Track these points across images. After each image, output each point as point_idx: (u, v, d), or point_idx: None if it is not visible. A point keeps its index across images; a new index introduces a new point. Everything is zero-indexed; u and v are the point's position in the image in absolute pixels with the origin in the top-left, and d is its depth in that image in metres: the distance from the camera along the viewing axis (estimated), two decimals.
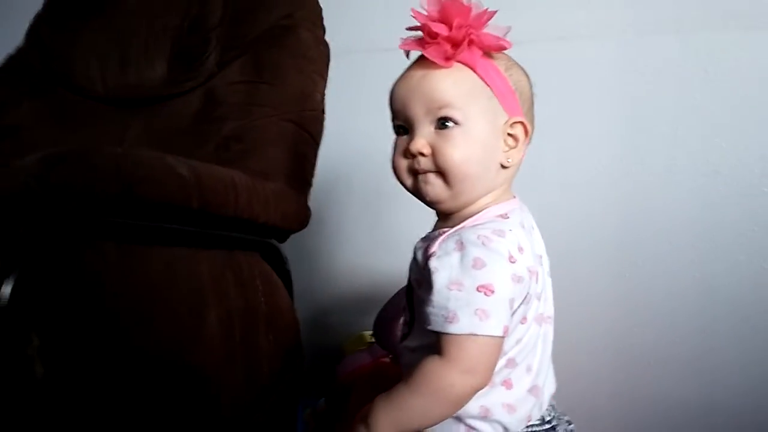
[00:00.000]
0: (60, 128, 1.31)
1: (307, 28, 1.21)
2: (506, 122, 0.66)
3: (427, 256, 0.64)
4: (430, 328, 0.61)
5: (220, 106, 1.16)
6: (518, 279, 0.61)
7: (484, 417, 0.65)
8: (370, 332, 1.30)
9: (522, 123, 0.66)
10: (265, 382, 1.02)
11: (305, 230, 1.15)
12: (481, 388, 0.62)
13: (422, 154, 0.65)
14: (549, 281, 0.70)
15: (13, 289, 0.70)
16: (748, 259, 1.19)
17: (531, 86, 0.70)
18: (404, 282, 0.95)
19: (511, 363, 0.65)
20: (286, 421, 1.10)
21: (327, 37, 1.23)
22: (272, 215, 1.00)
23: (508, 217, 0.66)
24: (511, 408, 0.65)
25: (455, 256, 0.62)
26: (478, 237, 0.61)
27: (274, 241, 1.11)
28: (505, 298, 0.60)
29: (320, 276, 1.46)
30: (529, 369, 0.66)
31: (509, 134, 0.66)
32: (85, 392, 0.77)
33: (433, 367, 0.61)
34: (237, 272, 1.00)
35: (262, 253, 1.08)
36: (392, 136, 0.72)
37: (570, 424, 0.71)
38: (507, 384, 0.65)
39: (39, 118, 1.33)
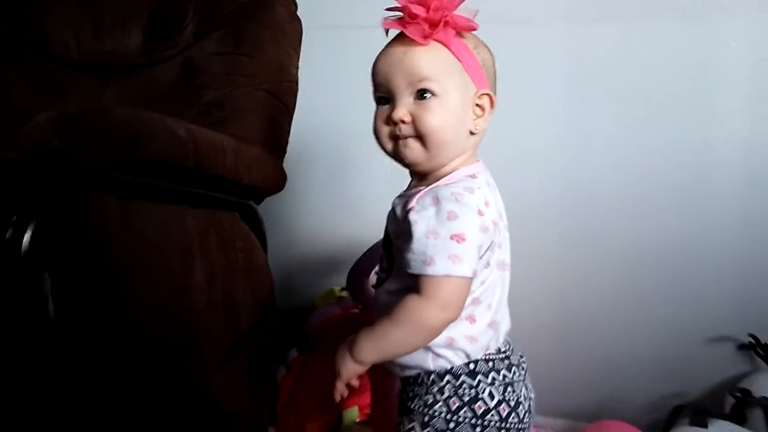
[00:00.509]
0: (34, 93, 1.32)
1: (282, 4, 1.28)
2: (475, 94, 0.76)
3: (406, 211, 0.74)
4: (410, 271, 0.71)
5: (201, 74, 1.22)
6: (485, 229, 0.72)
7: (449, 346, 0.75)
8: (339, 287, 1.41)
9: (488, 95, 0.77)
10: (243, 329, 1.11)
11: (278, 194, 1.24)
12: (453, 321, 0.72)
13: (403, 122, 0.74)
14: (507, 234, 0.81)
15: (30, 236, 0.77)
16: (674, 222, 1.32)
17: (494, 63, 0.80)
18: (366, 243, 1.06)
19: (476, 301, 0.75)
20: (262, 367, 1.19)
21: (304, 14, 1.31)
22: (254, 177, 1.08)
23: (476, 177, 0.76)
24: (473, 339, 0.75)
25: (432, 210, 0.71)
26: (452, 193, 0.72)
27: (252, 203, 1.19)
28: (474, 245, 0.70)
29: (291, 237, 1.54)
30: (489, 307, 0.76)
31: (477, 104, 0.76)
32: (89, 328, 0.84)
33: (413, 303, 0.71)
34: (219, 230, 1.07)
35: (241, 213, 1.16)
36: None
37: (522, 357, 0.81)
38: (471, 319, 0.75)
39: (12, 83, 1.34)
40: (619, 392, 1.36)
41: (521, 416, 0.75)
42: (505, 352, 0.78)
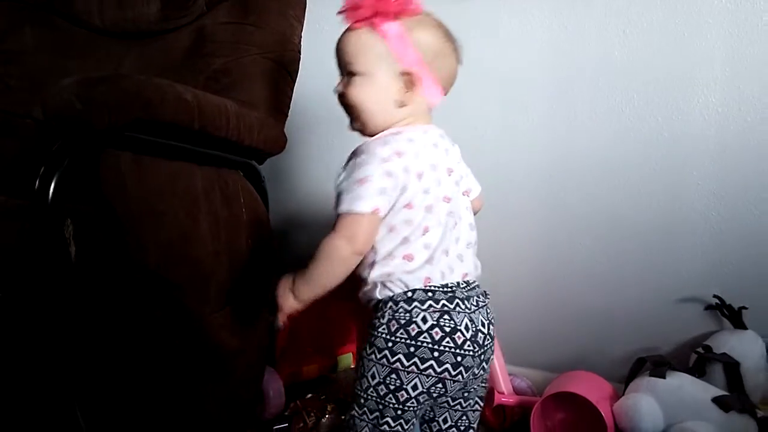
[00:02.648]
0: (61, 56, 1.43)
1: None
2: (400, 72, 0.89)
3: None
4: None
5: (210, 43, 1.31)
6: (389, 174, 0.84)
7: (389, 278, 0.86)
8: None
9: (410, 73, 0.88)
10: (244, 278, 1.22)
11: (281, 155, 1.34)
12: (361, 254, 0.84)
13: (340, 96, 0.93)
14: (450, 185, 0.90)
15: (54, 186, 0.89)
16: (649, 192, 1.40)
17: (440, 41, 0.90)
18: None
19: (406, 240, 0.85)
20: (261, 310, 1.31)
21: None
22: (255, 139, 1.18)
23: (398, 133, 0.88)
24: (410, 273, 0.86)
25: (349, 163, 0.87)
26: (364, 145, 0.87)
27: (254, 162, 1.30)
28: (376, 186, 0.83)
29: (291, 195, 1.64)
30: (427, 246, 0.86)
31: (407, 80, 0.89)
32: (105, 268, 0.96)
33: (325, 240, 0.84)
34: (223, 186, 1.17)
35: (244, 171, 1.26)
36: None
37: (480, 297, 0.89)
38: (408, 257, 0.86)
39: (40, 46, 1.45)
40: (593, 347, 1.46)
41: (458, 342, 0.84)
42: (451, 287, 0.87)
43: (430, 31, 0.91)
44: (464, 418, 0.93)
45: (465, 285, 0.89)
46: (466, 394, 0.92)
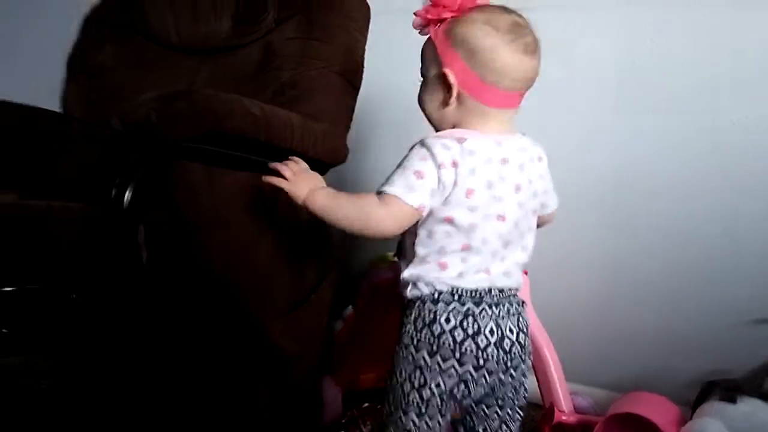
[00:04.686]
0: (139, 71, 1.52)
1: None
2: (438, 73, 0.88)
3: None
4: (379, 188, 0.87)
5: (277, 57, 1.36)
6: (440, 180, 0.84)
7: (420, 279, 0.88)
8: (392, 253, 1.53)
9: (444, 73, 0.87)
10: (306, 285, 1.26)
11: (342, 166, 1.37)
12: (386, 234, 0.87)
13: None
14: (503, 207, 0.87)
15: (130, 195, 0.94)
16: (715, 205, 1.34)
17: (484, 35, 0.85)
18: None
19: (442, 250, 0.86)
20: (322, 320, 1.34)
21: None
22: (319, 151, 1.21)
23: (463, 140, 0.86)
24: (439, 280, 0.86)
25: (414, 148, 0.87)
26: (430, 139, 0.86)
27: (317, 173, 1.33)
28: (429, 187, 0.84)
29: None
30: (464, 260, 0.86)
31: (443, 82, 0.88)
32: (174, 274, 1.01)
33: (373, 200, 0.86)
34: (287, 197, 1.22)
35: None
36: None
37: (513, 305, 0.88)
38: (442, 265, 0.87)
39: (120, 62, 1.54)
40: (658, 368, 1.42)
41: (480, 346, 0.85)
42: (480, 292, 0.87)
43: (474, 26, 0.86)
44: (504, 427, 0.93)
45: (498, 292, 0.88)
46: (499, 402, 0.92)
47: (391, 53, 1.45)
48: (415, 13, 0.90)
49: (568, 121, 1.46)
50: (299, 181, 0.93)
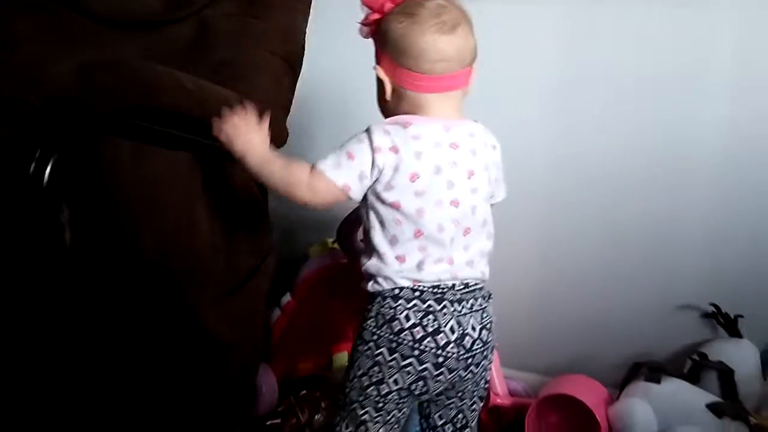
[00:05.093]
0: (59, 44, 1.41)
1: None
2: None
3: None
4: None
5: (213, 34, 1.30)
6: (374, 164, 0.84)
7: (380, 272, 0.87)
8: (331, 239, 1.51)
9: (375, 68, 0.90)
10: (241, 271, 1.21)
11: (280, 149, 1.33)
12: (306, 204, 0.88)
13: None
14: (470, 189, 0.88)
15: (50, 171, 0.88)
16: (649, 197, 1.39)
17: (401, 24, 0.86)
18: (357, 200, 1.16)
19: (395, 240, 0.86)
20: (258, 306, 1.30)
21: None
22: None
23: (408, 124, 0.86)
24: (399, 273, 0.86)
25: (358, 133, 0.88)
26: (373, 125, 0.87)
27: None
28: (357, 169, 0.85)
29: None
30: (421, 248, 0.86)
31: (377, 79, 0.91)
32: (100, 256, 0.95)
33: (304, 170, 0.88)
34: (222, 179, 1.17)
35: None
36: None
37: (477, 300, 0.88)
38: (400, 259, 0.86)
39: (39, 33, 1.42)
40: (588, 351, 1.46)
41: (440, 344, 0.84)
42: (441, 288, 0.86)
43: (390, 18, 0.88)
44: (460, 415, 0.94)
45: (462, 287, 0.88)
46: (459, 394, 0.92)
47: (334, 39, 1.43)
48: (358, 24, 0.93)
49: (507, 109, 1.48)
50: (241, 134, 0.91)
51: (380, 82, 0.91)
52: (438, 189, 0.86)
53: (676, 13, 1.34)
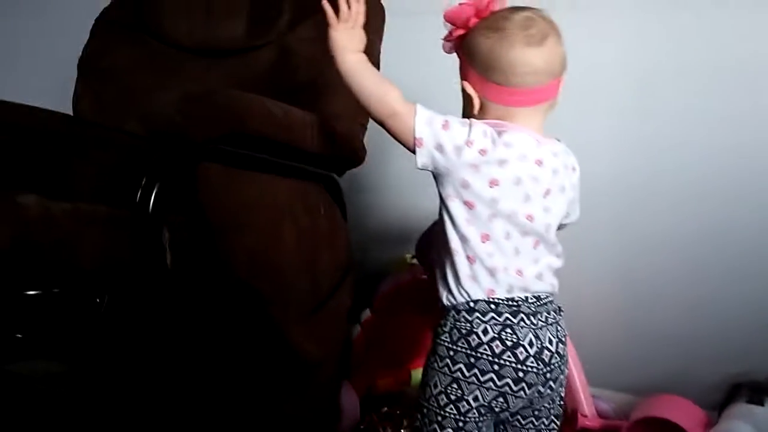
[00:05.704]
0: (151, 74, 1.50)
1: None
2: (461, 87, 0.91)
3: None
4: None
5: (294, 58, 1.35)
6: (457, 151, 0.83)
7: (455, 281, 0.85)
8: (410, 255, 1.52)
9: (463, 86, 0.90)
10: (324, 289, 1.23)
11: (360, 168, 1.35)
12: (377, 119, 0.89)
13: None
14: (542, 209, 0.87)
15: (155, 197, 0.93)
16: (739, 202, 1.33)
17: (487, 37, 0.86)
18: (435, 216, 1.17)
19: (464, 239, 0.84)
20: (340, 324, 1.32)
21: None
22: (337, 151, 1.20)
23: (503, 131, 0.85)
24: (473, 279, 0.84)
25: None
26: (476, 120, 0.86)
27: (334, 175, 1.32)
28: (441, 137, 0.83)
29: (370, 207, 1.66)
30: (490, 255, 0.84)
31: (465, 94, 0.90)
32: (197, 275, 0.99)
33: (396, 93, 0.87)
34: (305, 199, 1.20)
35: (325, 184, 1.29)
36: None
37: (550, 314, 0.87)
38: (470, 259, 0.84)
39: (132, 64, 1.52)
40: (681, 370, 1.40)
41: (520, 358, 0.82)
42: (517, 301, 0.85)
43: (476, 32, 0.88)
44: None
45: (534, 300, 0.86)
46: (536, 413, 0.90)
47: (406, 55, 1.44)
48: (441, 40, 0.93)
49: (580, 117, 1.44)
50: (346, 32, 0.92)
51: (467, 97, 0.89)
52: (514, 200, 0.85)
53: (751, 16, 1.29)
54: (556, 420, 0.92)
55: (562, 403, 0.92)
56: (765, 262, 1.33)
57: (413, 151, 0.86)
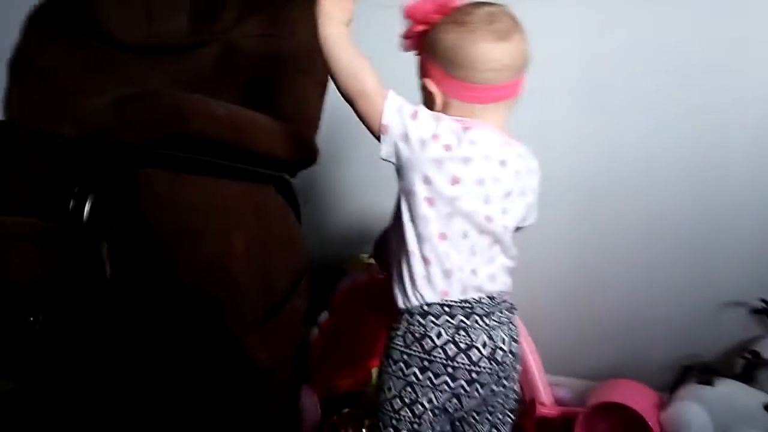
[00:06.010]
0: (88, 74, 1.43)
1: None
2: (421, 84, 0.89)
3: None
4: None
5: (240, 56, 1.30)
6: (422, 144, 0.82)
7: (410, 282, 0.84)
8: (367, 255, 1.50)
9: (424, 84, 0.88)
10: (278, 294, 1.21)
11: (313, 168, 1.32)
12: (345, 94, 0.86)
13: None
14: (501, 210, 0.86)
15: (90, 206, 0.88)
16: (687, 190, 1.36)
17: (450, 32, 0.84)
18: None
19: (421, 238, 0.83)
20: (296, 328, 1.30)
21: None
22: (287, 152, 1.17)
23: (468, 128, 0.83)
24: (428, 280, 0.83)
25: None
26: (441, 115, 0.85)
27: (286, 176, 1.28)
28: (408, 126, 0.82)
29: (324, 207, 1.63)
30: (446, 255, 0.83)
31: (427, 92, 0.88)
32: (140, 288, 0.95)
33: (371, 72, 0.85)
34: (256, 201, 1.16)
35: (276, 186, 1.25)
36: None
37: (502, 313, 0.86)
38: (426, 261, 0.83)
39: (68, 64, 1.44)
40: (634, 354, 1.43)
41: (473, 359, 0.82)
42: (470, 302, 0.84)
43: (439, 28, 0.86)
44: (494, 430, 0.91)
45: (488, 300, 0.86)
46: (490, 409, 0.90)
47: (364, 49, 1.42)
48: (400, 37, 0.90)
49: (533, 108, 1.44)
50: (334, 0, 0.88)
51: (428, 95, 0.88)
52: (474, 200, 0.84)
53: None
54: (510, 413, 0.92)
55: (516, 398, 0.92)
56: (712, 250, 1.36)
57: (378, 138, 0.84)
